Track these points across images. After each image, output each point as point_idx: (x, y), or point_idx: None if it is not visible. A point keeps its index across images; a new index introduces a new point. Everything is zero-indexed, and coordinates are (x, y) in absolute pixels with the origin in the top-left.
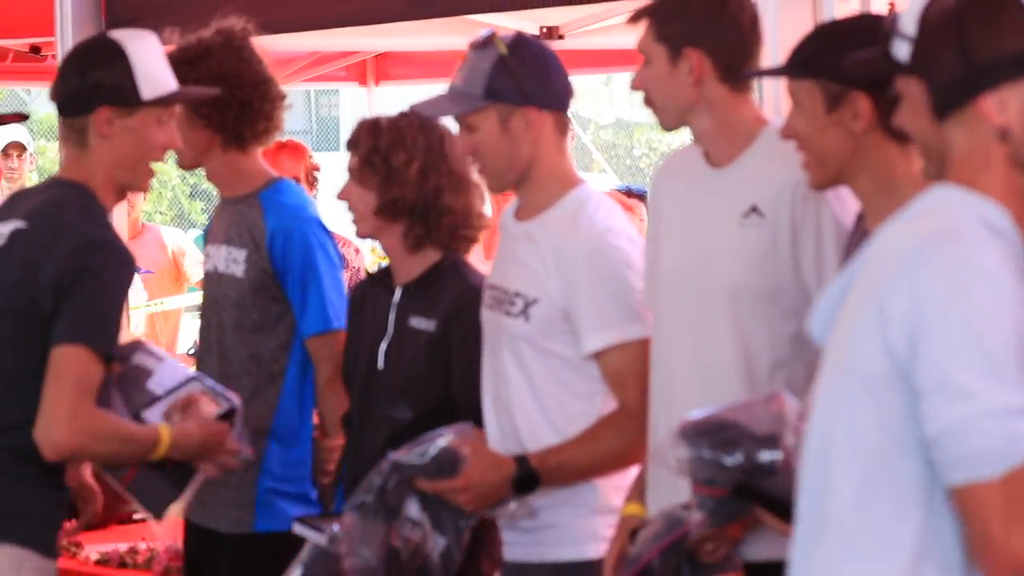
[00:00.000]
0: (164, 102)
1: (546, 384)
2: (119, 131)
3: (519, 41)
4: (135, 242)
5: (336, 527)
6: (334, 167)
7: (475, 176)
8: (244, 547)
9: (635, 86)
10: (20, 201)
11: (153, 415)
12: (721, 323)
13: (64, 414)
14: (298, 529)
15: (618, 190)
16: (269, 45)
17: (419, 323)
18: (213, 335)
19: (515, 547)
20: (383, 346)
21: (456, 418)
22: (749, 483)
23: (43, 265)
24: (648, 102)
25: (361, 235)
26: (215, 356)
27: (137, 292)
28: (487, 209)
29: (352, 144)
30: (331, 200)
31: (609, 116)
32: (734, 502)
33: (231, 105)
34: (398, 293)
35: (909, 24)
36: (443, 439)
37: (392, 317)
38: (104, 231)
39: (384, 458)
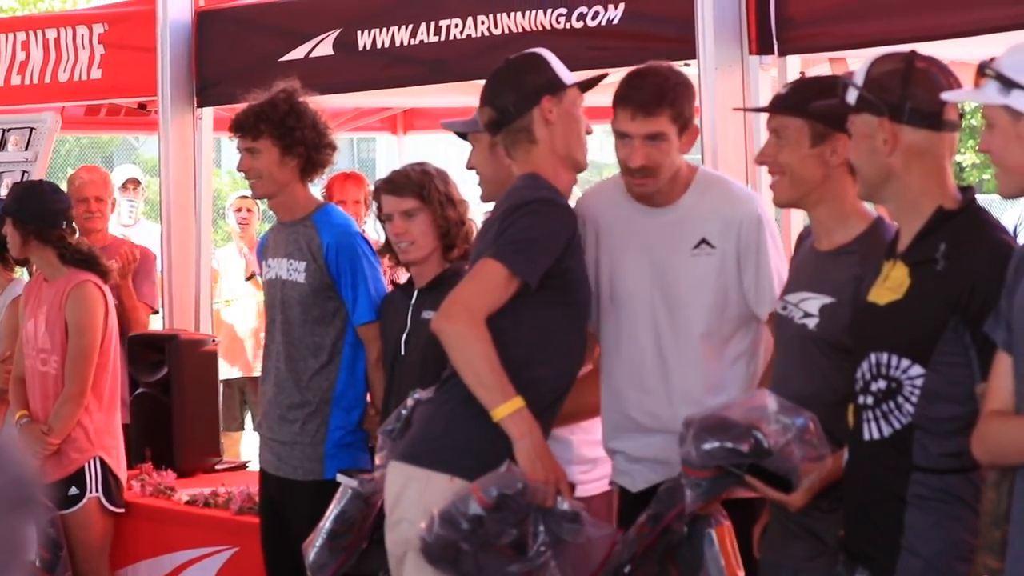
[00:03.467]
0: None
1: None
2: (559, 116)
3: None
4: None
5: (369, 478)
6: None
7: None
8: (317, 491)
9: (636, 163)
10: None
11: None
12: (682, 329)
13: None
14: (339, 478)
15: None
16: (323, 101)
17: (429, 315)
18: (279, 328)
19: None
20: (404, 336)
21: None
22: (758, 464)
23: None
24: (652, 172)
25: (416, 262)
26: (281, 346)
27: None
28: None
29: (406, 190)
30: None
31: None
32: (721, 481)
33: (305, 140)
34: (415, 295)
35: (859, 77)
36: None
37: (410, 314)
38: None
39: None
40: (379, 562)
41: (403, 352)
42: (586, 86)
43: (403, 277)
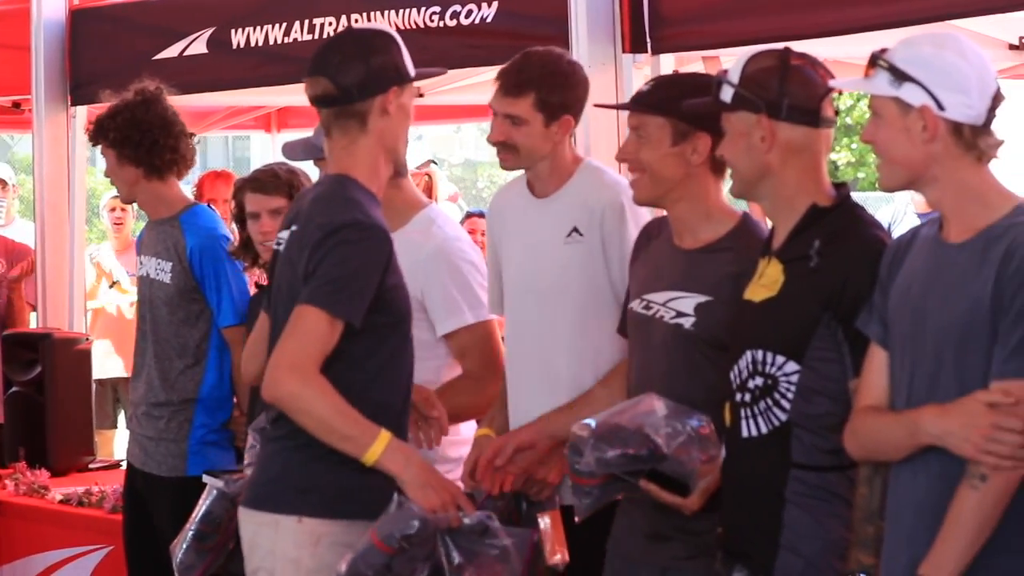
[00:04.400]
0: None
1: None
2: (397, 109)
3: None
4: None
5: (237, 478)
6: None
7: None
8: (178, 488)
9: (494, 139)
10: None
11: None
12: (559, 316)
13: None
14: (205, 478)
15: (470, 212)
16: (196, 100)
17: None
18: (149, 327)
19: None
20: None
21: None
22: (657, 469)
23: None
24: (511, 149)
25: None
26: (150, 344)
27: None
28: None
29: (274, 188)
30: None
31: (459, 157)
32: (610, 487)
33: (142, 143)
34: None
35: (734, 75)
36: None
37: None
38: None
39: None
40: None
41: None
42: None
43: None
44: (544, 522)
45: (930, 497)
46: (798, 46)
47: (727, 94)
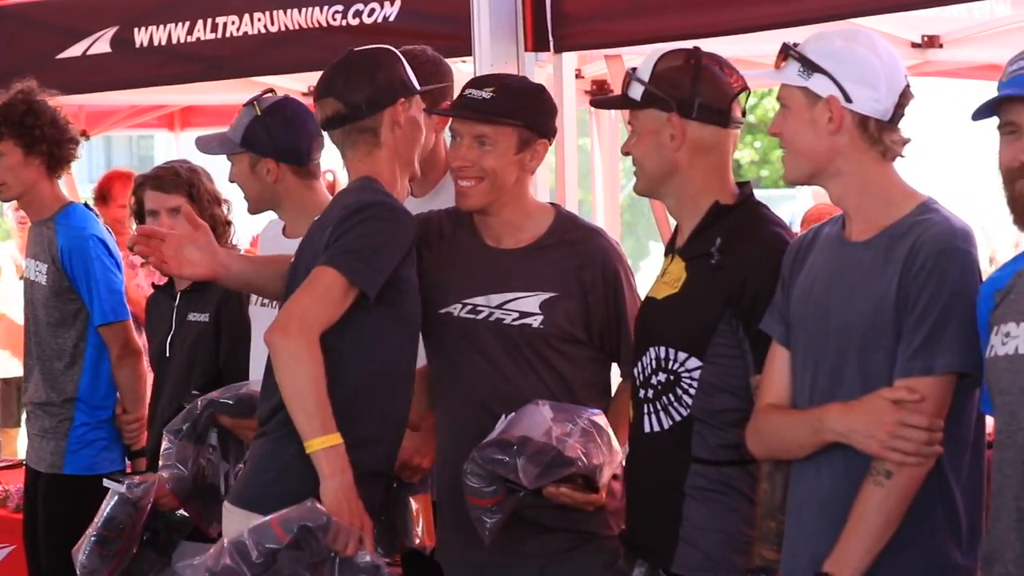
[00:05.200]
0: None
1: None
2: (407, 121)
3: (277, 104)
4: None
5: (138, 481)
6: None
7: None
8: (57, 485)
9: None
10: None
11: None
12: None
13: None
14: (106, 483)
15: None
16: (99, 99)
17: (195, 317)
18: (32, 328)
19: None
20: (169, 338)
21: (225, 384)
22: (575, 472)
23: None
24: None
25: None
26: (34, 345)
27: None
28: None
29: (173, 186)
30: None
31: None
32: (509, 501)
33: (50, 143)
34: (178, 298)
35: (644, 73)
36: (248, 387)
37: (175, 316)
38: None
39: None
40: (150, 565)
41: (168, 354)
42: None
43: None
44: (415, 505)
45: (834, 494)
46: (700, 45)
47: (636, 92)
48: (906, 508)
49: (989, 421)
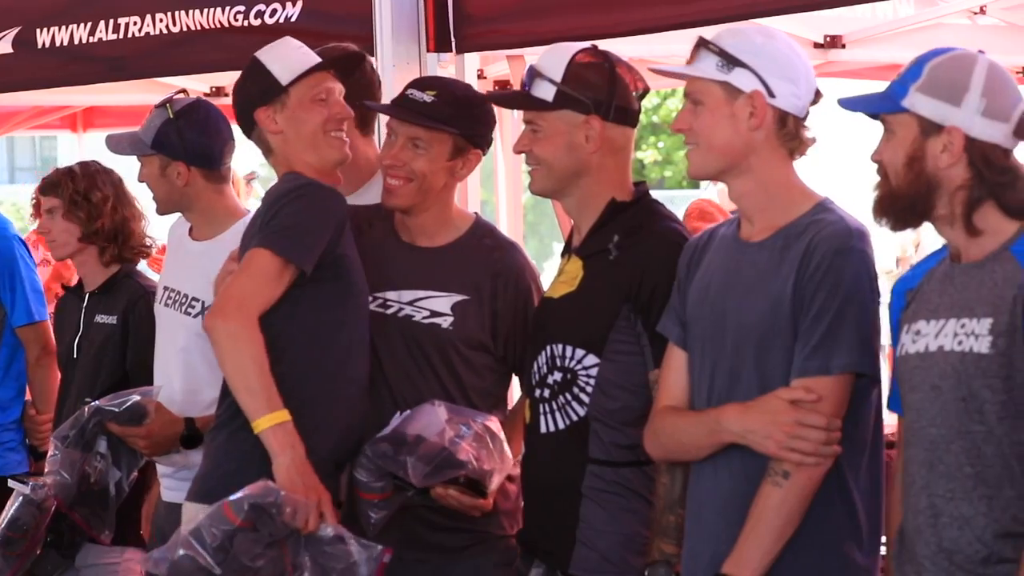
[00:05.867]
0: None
1: (209, 357)
2: (284, 123)
3: (190, 107)
4: None
5: (42, 483)
6: None
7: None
8: None
9: None
10: None
11: None
12: None
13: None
14: (11, 484)
15: None
16: (1, 100)
17: (102, 319)
18: None
19: (172, 491)
20: (76, 340)
21: (132, 386)
22: (463, 474)
23: None
24: None
25: (60, 258)
26: None
27: None
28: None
29: (52, 188)
30: None
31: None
32: (396, 498)
33: None
34: (86, 299)
35: (554, 73)
36: (136, 396)
37: (82, 317)
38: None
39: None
40: (53, 566)
41: (76, 355)
42: (333, 65)
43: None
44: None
45: (732, 495)
46: (601, 45)
47: (547, 92)
48: (805, 508)
49: (888, 420)
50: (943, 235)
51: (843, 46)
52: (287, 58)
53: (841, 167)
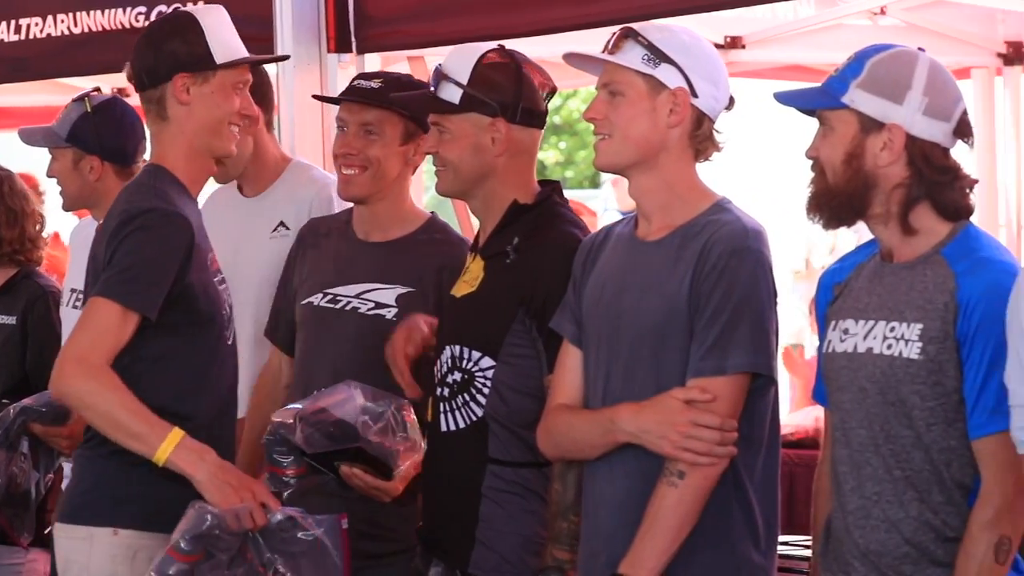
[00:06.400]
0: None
1: None
2: (196, 97)
3: (107, 103)
4: None
5: None
6: None
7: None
8: None
9: None
10: None
11: None
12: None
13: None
14: None
15: None
16: None
17: (1, 319)
18: None
19: None
20: None
21: (33, 390)
22: (362, 448)
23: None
24: None
25: None
26: None
27: None
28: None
29: None
30: None
31: None
32: (310, 476)
33: None
34: None
35: (460, 75)
36: None
37: None
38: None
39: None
40: None
41: None
42: (262, 62)
43: None
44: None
45: (628, 494)
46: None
47: (453, 95)
48: (701, 508)
49: (785, 421)
50: (876, 234)
51: (743, 47)
52: (227, 39)
53: (744, 167)
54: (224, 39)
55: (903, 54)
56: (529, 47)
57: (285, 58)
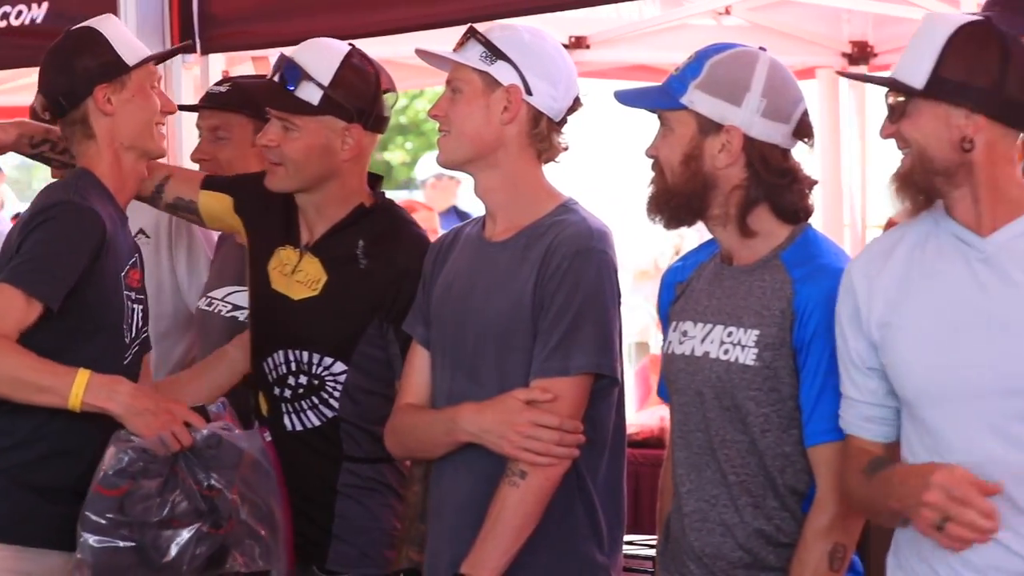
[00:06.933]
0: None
1: None
2: (119, 105)
3: None
4: None
5: None
6: None
7: None
8: None
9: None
10: None
11: None
12: None
13: None
14: None
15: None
16: None
17: None
18: None
19: None
20: None
21: None
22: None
23: None
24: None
25: None
26: None
27: None
28: None
29: None
30: None
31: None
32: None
33: None
34: None
35: (322, 76)
36: None
37: None
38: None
39: None
40: None
41: None
42: (164, 60)
43: None
44: None
45: (472, 495)
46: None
47: (313, 95)
48: (543, 508)
49: (631, 421)
50: (716, 235)
51: (588, 47)
52: (129, 41)
53: (591, 167)
54: (127, 42)
55: (743, 54)
56: (374, 47)
57: (191, 48)
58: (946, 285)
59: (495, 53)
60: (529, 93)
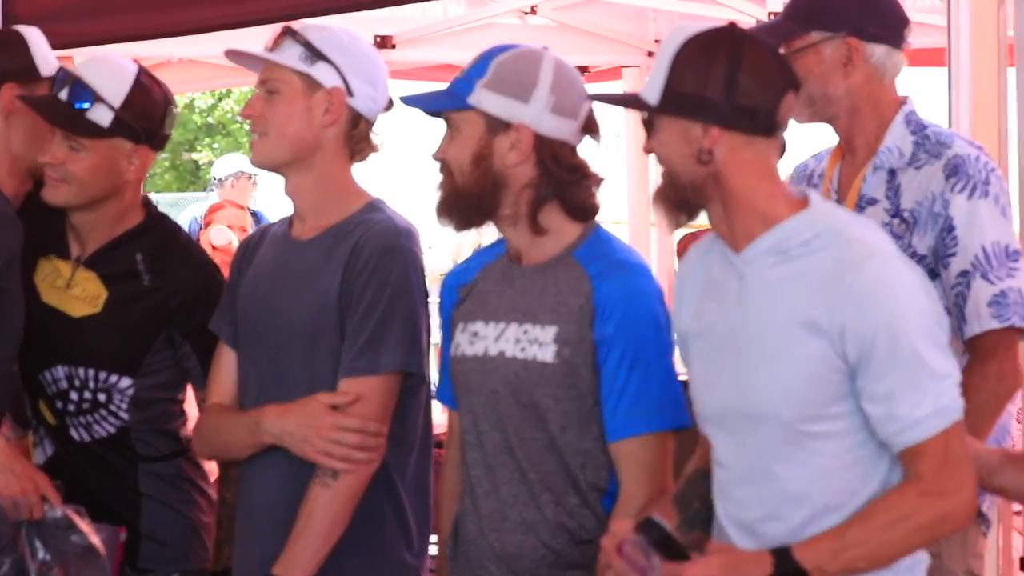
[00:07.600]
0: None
1: None
2: (22, 109)
3: None
4: None
5: None
6: None
7: None
8: None
9: None
10: None
11: None
12: None
13: None
14: None
15: None
16: None
17: None
18: None
19: None
20: None
21: None
22: None
23: None
24: None
25: None
26: None
27: None
28: None
29: None
30: None
31: None
32: None
33: None
34: None
35: (113, 97)
36: None
37: None
38: None
39: None
40: None
41: None
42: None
43: None
44: None
45: (281, 496)
46: (150, 45)
47: (103, 117)
48: (353, 509)
49: (436, 420)
50: (505, 235)
51: (393, 46)
52: (47, 55)
53: (396, 167)
54: (45, 55)
55: (528, 53)
56: (181, 47)
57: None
58: (719, 302)
59: (315, 54)
60: (351, 95)
